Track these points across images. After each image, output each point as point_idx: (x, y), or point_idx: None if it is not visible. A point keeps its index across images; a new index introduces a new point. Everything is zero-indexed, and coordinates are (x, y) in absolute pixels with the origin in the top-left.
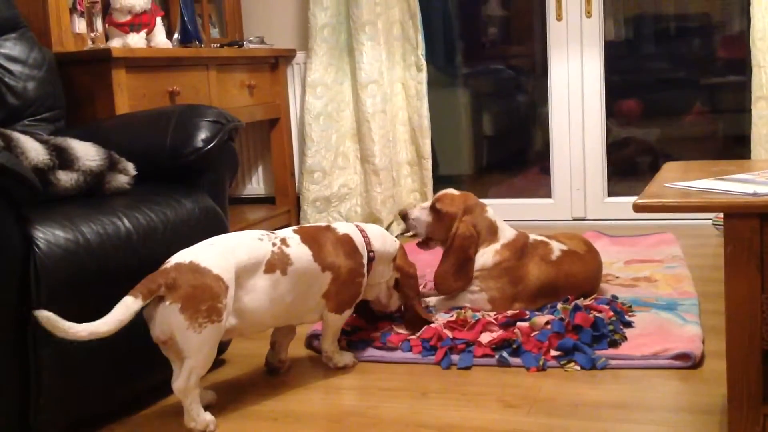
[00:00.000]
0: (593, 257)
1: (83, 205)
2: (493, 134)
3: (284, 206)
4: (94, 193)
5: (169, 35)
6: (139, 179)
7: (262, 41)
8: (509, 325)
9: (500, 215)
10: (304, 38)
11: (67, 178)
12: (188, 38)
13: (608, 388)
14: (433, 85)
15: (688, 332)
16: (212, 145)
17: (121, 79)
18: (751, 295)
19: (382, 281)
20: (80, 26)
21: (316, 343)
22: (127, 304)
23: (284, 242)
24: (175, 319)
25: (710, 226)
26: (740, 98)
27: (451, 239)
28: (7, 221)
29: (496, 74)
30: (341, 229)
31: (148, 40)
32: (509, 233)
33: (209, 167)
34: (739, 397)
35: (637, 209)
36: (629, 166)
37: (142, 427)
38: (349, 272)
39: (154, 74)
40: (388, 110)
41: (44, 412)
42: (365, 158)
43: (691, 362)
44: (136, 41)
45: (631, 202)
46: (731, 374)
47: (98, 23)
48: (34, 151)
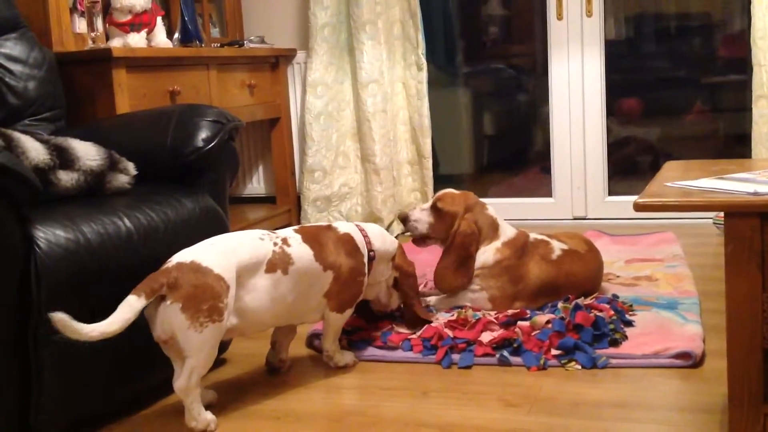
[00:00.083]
0: (594, 256)
1: (84, 204)
2: (493, 133)
3: (285, 206)
4: (94, 192)
5: (169, 35)
6: (139, 179)
7: (262, 41)
8: (510, 324)
9: (501, 214)
10: (304, 38)
11: (67, 177)
12: (189, 38)
13: (609, 387)
14: (433, 84)
15: (688, 331)
16: (213, 144)
17: (121, 78)
18: (751, 294)
19: (381, 280)
20: (81, 26)
21: (316, 342)
22: (131, 303)
23: (285, 242)
24: (176, 318)
25: (711, 225)
26: (741, 97)
27: (452, 237)
28: (7, 221)
29: (496, 73)
30: (342, 228)
31: (148, 39)
32: (510, 231)
33: (210, 167)
34: (739, 396)
35: (637, 208)
36: (630, 165)
37: (142, 426)
38: (350, 271)
39: (154, 74)
40: (388, 109)
41: (44, 411)
42: (366, 157)
43: (691, 361)
44: (136, 41)
45: (631, 201)
46: (732, 373)
47: (99, 23)
48: (34, 150)
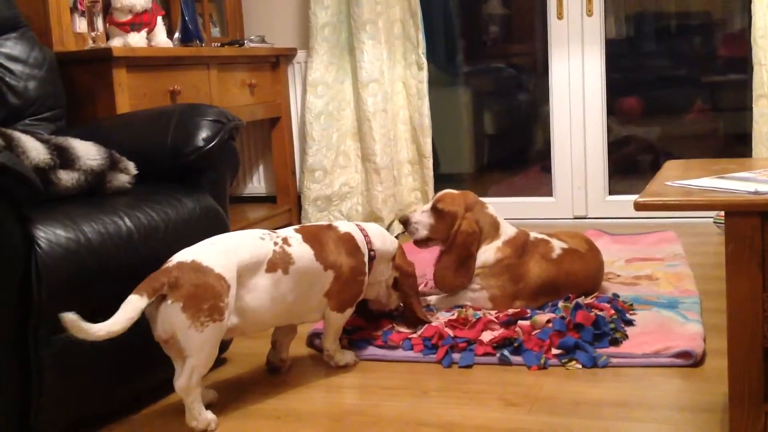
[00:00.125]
0: (594, 255)
1: (84, 204)
2: (494, 133)
3: (285, 205)
4: (95, 192)
5: (169, 34)
6: (140, 178)
7: (262, 40)
8: (510, 323)
9: (501, 214)
10: (304, 37)
11: (68, 177)
12: (189, 37)
13: (609, 386)
14: (434, 83)
15: (689, 330)
16: (213, 144)
17: (121, 78)
18: (752, 293)
19: (381, 280)
20: (81, 26)
21: (317, 341)
22: (133, 302)
23: (286, 241)
24: (177, 317)
25: (711, 224)
26: (741, 96)
27: (453, 236)
28: (8, 221)
29: (497, 73)
30: (343, 227)
31: (148, 39)
32: (510, 231)
33: (210, 166)
34: (740, 395)
35: (638, 208)
36: (630, 164)
37: (143, 426)
38: (351, 271)
39: (154, 73)
40: (389, 109)
41: (45, 411)
42: (366, 157)
43: (692, 360)
44: (136, 40)
45: (632, 200)
46: (732, 372)
47: (99, 23)
48: (35, 150)
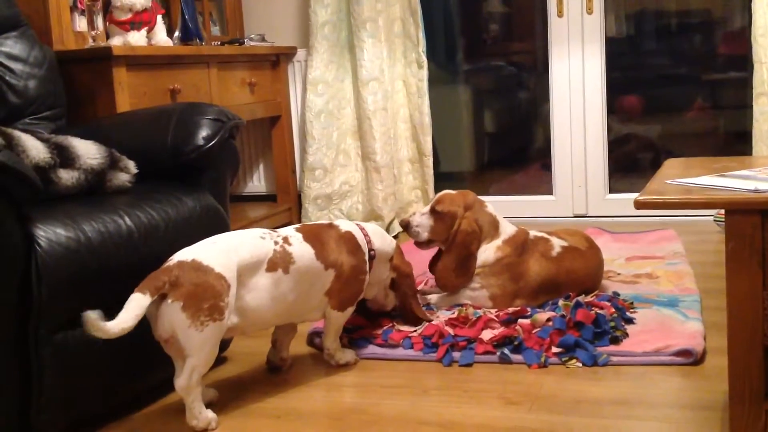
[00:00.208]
0: (594, 254)
1: (84, 203)
2: (494, 131)
3: (285, 204)
4: (95, 191)
5: (169, 33)
6: (140, 177)
7: (262, 39)
8: (510, 322)
9: (501, 212)
10: (305, 36)
11: (68, 176)
12: (189, 36)
13: (610, 384)
14: (434, 82)
15: (689, 329)
16: (213, 143)
17: (121, 77)
18: (752, 291)
19: (380, 280)
20: (81, 24)
21: (317, 340)
22: (137, 300)
23: (286, 240)
24: (177, 317)
25: (712, 222)
26: (741, 94)
27: (453, 236)
28: (8, 220)
29: (497, 71)
30: (344, 226)
31: (148, 38)
32: (510, 229)
33: (210, 165)
34: (740, 393)
35: (638, 206)
36: (630, 162)
37: (143, 425)
38: (352, 270)
39: (154, 72)
40: (389, 107)
41: (45, 411)
42: (366, 156)
43: (692, 359)
44: (136, 39)
45: (632, 198)
46: (733, 370)
47: (99, 21)
48: (35, 149)
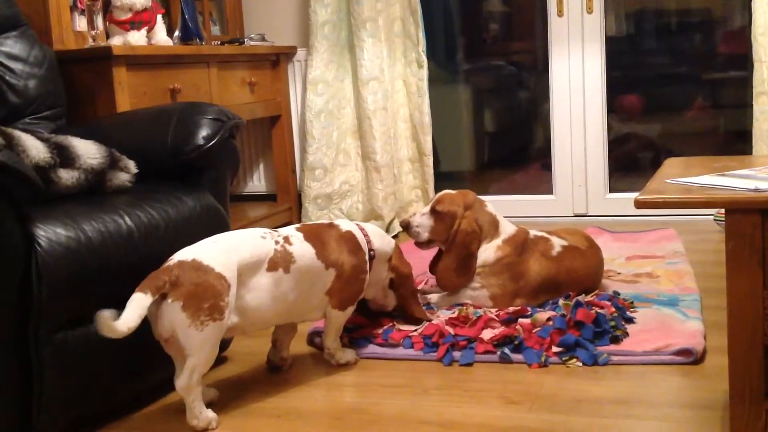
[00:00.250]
0: (594, 253)
1: (84, 203)
2: (494, 131)
3: (285, 203)
4: (95, 191)
5: (169, 33)
6: (140, 177)
7: (262, 38)
8: (511, 321)
9: (502, 212)
10: (304, 35)
11: (68, 176)
12: (189, 36)
13: (610, 384)
14: (434, 81)
15: (689, 328)
16: (213, 142)
17: (122, 76)
18: (752, 290)
19: (379, 280)
20: (81, 24)
21: (317, 340)
22: (139, 299)
23: (287, 240)
24: (177, 316)
25: (712, 221)
26: (742, 94)
27: (453, 235)
28: (8, 220)
29: (497, 70)
30: (344, 226)
31: (148, 37)
32: (510, 229)
33: (210, 165)
34: (740, 392)
35: (638, 205)
36: (631, 161)
37: (143, 425)
38: (352, 269)
39: (155, 72)
40: (389, 107)
41: (45, 411)
42: (366, 155)
43: (692, 358)
44: (136, 39)
45: (632, 198)
46: (733, 370)
47: (99, 21)
48: (35, 149)
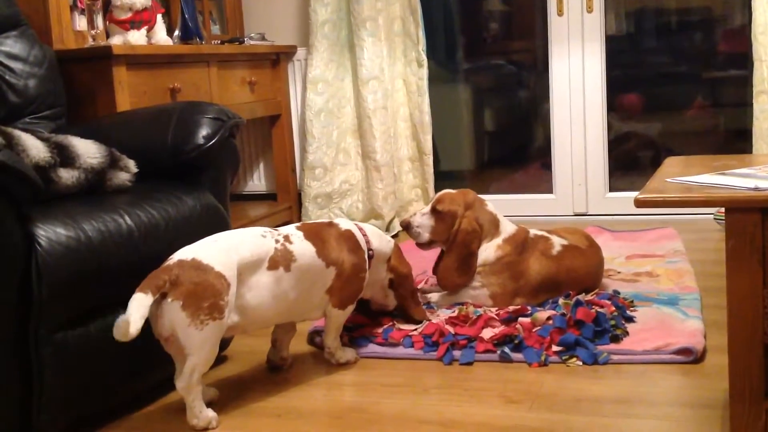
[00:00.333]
0: (594, 252)
1: (84, 202)
2: (494, 130)
3: (285, 203)
4: (95, 190)
5: (169, 32)
6: (140, 177)
7: (262, 38)
8: (511, 320)
9: (502, 211)
10: (304, 34)
11: (68, 175)
12: (189, 35)
13: (610, 383)
14: (434, 80)
15: (689, 327)
16: (213, 141)
17: (121, 76)
18: (753, 289)
19: (377, 280)
20: (81, 24)
21: (317, 339)
22: (140, 300)
23: (287, 239)
24: (176, 316)
25: (712, 220)
26: (742, 92)
27: (453, 235)
28: (8, 219)
29: (497, 70)
30: (343, 225)
31: (148, 37)
32: (510, 228)
33: (210, 164)
34: (740, 391)
35: (638, 204)
36: (631, 160)
37: (143, 425)
38: (352, 268)
39: (154, 71)
40: (389, 106)
41: (45, 411)
42: (366, 154)
43: (692, 357)
44: (136, 38)
45: (632, 197)
46: (733, 369)
47: (99, 20)
48: (35, 148)
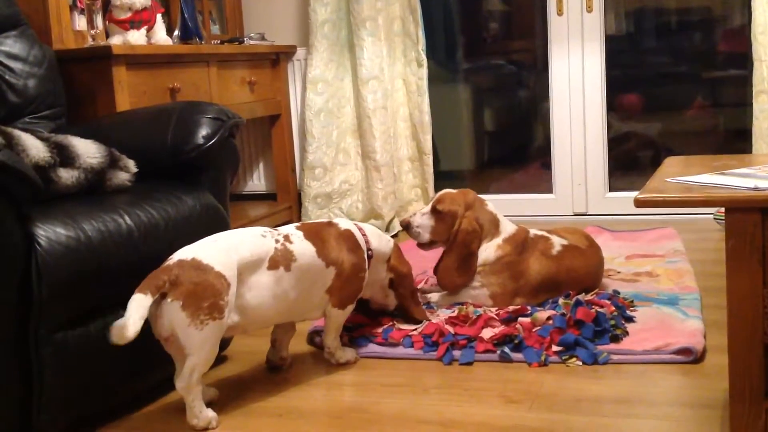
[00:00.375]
0: (594, 252)
1: (84, 202)
2: (494, 129)
3: (285, 203)
4: (95, 190)
5: (169, 32)
6: (140, 176)
7: (262, 38)
8: (511, 320)
9: (501, 210)
10: (304, 34)
11: (68, 175)
12: (189, 35)
13: (610, 383)
14: (434, 80)
15: (689, 327)
16: (213, 141)
17: (121, 76)
18: (752, 289)
19: (376, 280)
20: (80, 23)
21: (317, 339)
22: (139, 301)
23: (287, 239)
24: (176, 316)
25: (711, 220)
26: (741, 92)
27: (453, 235)
28: (8, 219)
29: (497, 69)
30: (343, 224)
31: (148, 37)
32: (510, 227)
33: (210, 164)
34: (740, 391)
35: (638, 204)
36: (630, 160)
37: (143, 424)
38: (352, 267)
39: (154, 71)
40: (389, 106)
41: (45, 411)
42: (366, 154)
43: (692, 357)
44: (136, 38)
45: (632, 197)
46: (733, 369)
47: (98, 20)
48: (35, 148)
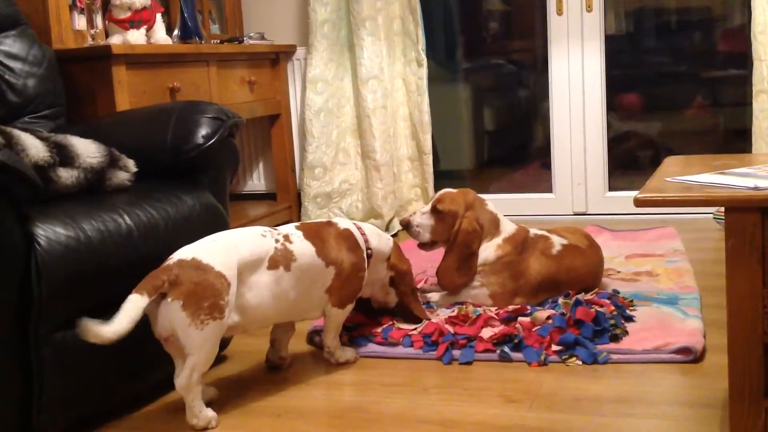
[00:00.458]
0: (594, 251)
1: (84, 202)
2: (494, 129)
3: (285, 202)
4: (94, 190)
5: (169, 31)
6: (139, 176)
7: (262, 37)
8: (510, 320)
9: (501, 210)
10: (304, 34)
11: (67, 175)
12: (188, 34)
13: (610, 382)
14: (433, 80)
15: (689, 326)
16: (213, 141)
17: (121, 75)
18: (752, 289)
19: (376, 279)
20: (80, 23)
21: (317, 338)
22: (134, 301)
23: (287, 238)
24: (176, 316)
25: (711, 220)
26: (741, 92)
27: (454, 235)
28: (7, 219)
29: (496, 69)
30: (342, 224)
31: (148, 36)
32: (510, 227)
33: (210, 164)
34: (740, 391)
35: (638, 204)
36: (630, 160)
37: (143, 424)
38: (352, 267)
39: (154, 71)
40: (388, 106)
41: (45, 411)
42: (366, 154)
43: (692, 356)
44: (136, 38)
45: (632, 196)
46: (733, 368)
47: (98, 20)
48: (34, 148)
